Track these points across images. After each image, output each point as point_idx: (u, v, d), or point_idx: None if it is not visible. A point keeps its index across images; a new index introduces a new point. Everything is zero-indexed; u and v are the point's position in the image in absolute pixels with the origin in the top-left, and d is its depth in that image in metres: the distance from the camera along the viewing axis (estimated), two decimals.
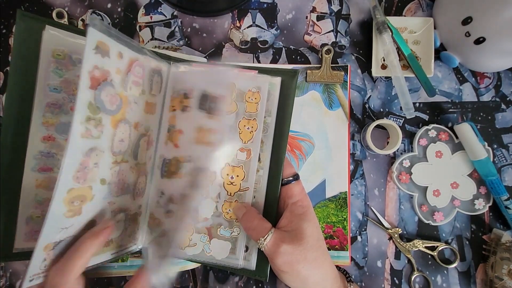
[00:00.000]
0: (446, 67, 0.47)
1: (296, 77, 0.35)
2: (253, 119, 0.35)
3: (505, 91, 0.47)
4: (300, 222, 0.32)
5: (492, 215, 0.45)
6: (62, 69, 0.31)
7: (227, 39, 0.45)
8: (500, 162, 0.46)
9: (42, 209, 0.31)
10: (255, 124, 0.35)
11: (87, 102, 0.25)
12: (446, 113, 0.47)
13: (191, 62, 0.36)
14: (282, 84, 0.35)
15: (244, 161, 0.35)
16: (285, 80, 0.36)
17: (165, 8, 0.44)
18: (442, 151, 0.45)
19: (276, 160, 0.35)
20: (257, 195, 0.35)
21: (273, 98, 0.35)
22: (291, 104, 0.35)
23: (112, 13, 0.43)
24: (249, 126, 0.35)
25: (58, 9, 0.40)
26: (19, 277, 0.39)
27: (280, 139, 0.35)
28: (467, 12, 0.41)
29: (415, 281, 0.44)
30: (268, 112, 0.35)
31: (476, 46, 0.42)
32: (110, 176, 0.29)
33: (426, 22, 0.46)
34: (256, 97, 0.35)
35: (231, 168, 0.35)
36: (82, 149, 0.25)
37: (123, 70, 0.29)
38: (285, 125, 0.35)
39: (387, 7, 0.47)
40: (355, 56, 0.46)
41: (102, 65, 0.26)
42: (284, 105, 0.35)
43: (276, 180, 0.34)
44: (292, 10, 0.46)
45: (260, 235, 0.31)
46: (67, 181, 0.24)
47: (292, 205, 0.33)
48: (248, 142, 0.35)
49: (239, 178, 0.35)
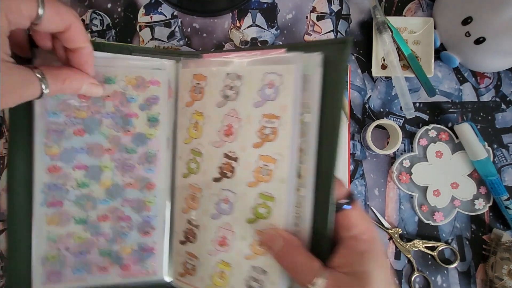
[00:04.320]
0: (446, 67, 0.47)
1: (347, 49, 0.25)
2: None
3: (505, 91, 0.47)
4: (364, 263, 0.23)
5: (492, 215, 0.45)
6: None
7: (227, 39, 0.45)
8: (500, 162, 0.46)
9: (57, 247, 0.29)
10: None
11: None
12: (446, 113, 0.47)
13: (201, 54, 0.31)
14: (326, 63, 0.25)
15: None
16: (330, 57, 0.25)
17: (165, 8, 0.44)
18: (442, 151, 0.45)
19: (325, 173, 0.25)
20: (300, 222, 0.26)
21: (312, 86, 0.25)
22: (342, 91, 0.24)
23: (112, 13, 0.44)
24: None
25: None
26: None
27: (329, 144, 0.25)
28: (467, 12, 0.41)
29: (415, 281, 0.44)
30: (306, 107, 0.25)
31: (476, 46, 0.42)
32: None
33: (426, 22, 0.46)
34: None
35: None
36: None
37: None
38: (334, 123, 0.24)
39: (387, 7, 0.47)
40: (355, 56, 0.46)
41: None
42: (330, 94, 0.25)
43: (327, 201, 0.25)
44: (292, 10, 0.46)
45: (308, 279, 0.23)
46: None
47: (350, 240, 0.25)
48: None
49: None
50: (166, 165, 0.32)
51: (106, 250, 0.31)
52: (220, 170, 0.29)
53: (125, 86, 0.30)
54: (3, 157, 0.39)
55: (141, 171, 0.31)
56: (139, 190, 0.31)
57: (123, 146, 0.31)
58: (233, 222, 0.28)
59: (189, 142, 0.31)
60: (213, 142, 0.29)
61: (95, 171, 0.30)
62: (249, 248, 0.27)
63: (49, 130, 0.29)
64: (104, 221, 0.31)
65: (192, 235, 0.31)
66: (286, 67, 0.26)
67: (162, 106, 0.31)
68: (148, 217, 0.32)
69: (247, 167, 0.27)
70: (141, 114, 0.31)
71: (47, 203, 0.29)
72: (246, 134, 0.27)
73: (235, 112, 0.28)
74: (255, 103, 0.27)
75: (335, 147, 0.24)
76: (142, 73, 0.31)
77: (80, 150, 0.30)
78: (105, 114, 0.30)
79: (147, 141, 0.31)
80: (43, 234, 0.29)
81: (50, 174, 0.29)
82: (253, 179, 0.27)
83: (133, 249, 0.31)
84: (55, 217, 0.30)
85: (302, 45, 0.27)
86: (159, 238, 0.32)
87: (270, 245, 0.25)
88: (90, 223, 0.30)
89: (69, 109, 0.29)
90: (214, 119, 0.29)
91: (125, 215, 0.31)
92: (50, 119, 0.29)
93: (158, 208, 0.32)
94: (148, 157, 0.31)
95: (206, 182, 0.30)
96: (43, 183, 0.29)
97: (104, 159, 0.31)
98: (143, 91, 0.31)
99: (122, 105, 0.31)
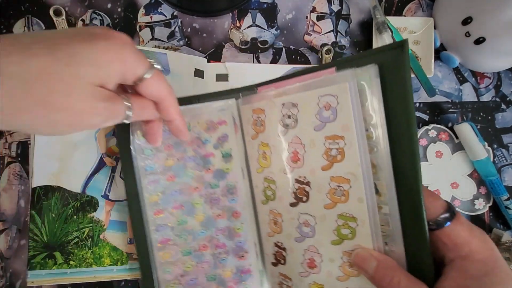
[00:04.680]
0: (446, 67, 0.47)
1: (405, 51, 0.22)
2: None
3: (505, 91, 0.47)
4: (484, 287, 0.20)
5: (492, 215, 0.45)
6: (149, 147, 0.34)
7: (227, 39, 0.45)
8: (500, 162, 0.46)
9: (174, 276, 0.35)
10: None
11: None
12: (446, 113, 0.47)
13: (255, 87, 0.32)
14: (384, 72, 0.24)
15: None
16: (387, 65, 0.23)
17: (165, 8, 0.44)
18: (442, 151, 0.45)
19: (407, 187, 0.23)
20: (390, 241, 0.24)
21: (373, 99, 0.24)
22: (410, 96, 0.22)
23: (112, 13, 0.43)
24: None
25: (56, 6, 0.40)
26: (19, 277, 0.39)
27: (407, 155, 0.23)
28: (467, 12, 0.41)
29: None
30: (370, 121, 0.24)
31: (476, 46, 0.42)
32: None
33: (426, 22, 0.46)
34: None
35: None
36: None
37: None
38: (408, 132, 0.23)
39: (387, 7, 0.47)
40: None
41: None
42: (396, 102, 0.23)
43: (418, 216, 0.23)
44: (292, 10, 0.46)
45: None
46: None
47: (460, 261, 0.21)
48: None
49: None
50: (246, 194, 0.34)
51: (211, 275, 0.35)
52: (295, 195, 0.29)
53: (198, 131, 0.34)
54: (3, 157, 0.40)
55: (226, 202, 0.34)
56: (227, 219, 0.35)
57: (207, 183, 0.35)
58: (318, 244, 0.28)
59: (261, 172, 0.32)
60: (282, 170, 0.30)
61: (189, 208, 0.35)
62: (340, 270, 0.27)
63: (149, 181, 0.34)
64: (205, 250, 0.35)
65: (281, 258, 0.32)
66: (339, 86, 0.25)
67: (232, 142, 0.34)
68: (240, 242, 0.35)
69: (320, 190, 0.27)
70: (216, 153, 0.34)
71: (159, 241, 0.35)
72: (313, 158, 0.27)
73: (297, 139, 0.28)
74: (316, 127, 0.27)
75: (414, 157, 0.22)
76: (210, 117, 0.34)
77: (174, 193, 0.35)
78: (187, 158, 0.34)
79: (226, 175, 0.34)
80: (161, 270, 0.35)
81: (156, 217, 0.35)
82: (329, 201, 0.27)
83: (233, 272, 0.35)
84: (166, 253, 0.35)
85: (353, 58, 0.26)
86: (253, 260, 0.35)
87: (362, 266, 0.24)
88: (194, 253, 0.35)
89: (159, 161, 0.34)
90: (279, 148, 0.30)
91: (221, 243, 0.35)
92: (147, 171, 0.34)
93: (247, 233, 0.35)
94: (229, 188, 0.34)
95: (284, 207, 0.30)
96: (154, 225, 0.35)
97: (194, 196, 0.35)
98: (214, 132, 0.34)
99: (199, 148, 0.34)
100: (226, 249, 0.35)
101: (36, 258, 0.38)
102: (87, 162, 0.40)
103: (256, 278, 0.35)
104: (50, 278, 0.38)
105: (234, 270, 0.35)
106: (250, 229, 0.35)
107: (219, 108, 0.34)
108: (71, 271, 0.39)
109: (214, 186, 0.34)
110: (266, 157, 0.31)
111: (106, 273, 0.39)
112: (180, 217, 0.35)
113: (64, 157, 0.39)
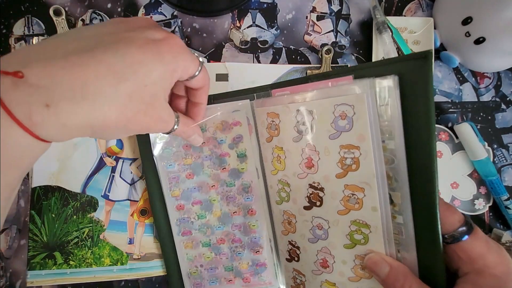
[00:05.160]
0: (446, 67, 0.47)
1: (429, 63, 0.22)
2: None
3: (505, 91, 0.47)
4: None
5: (492, 215, 0.45)
6: (168, 147, 0.36)
7: (227, 39, 0.45)
8: (500, 162, 0.46)
9: (195, 265, 0.38)
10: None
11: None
12: (446, 113, 0.47)
13: (270, 89, 0.31)
14: (404, 83, 0.23)
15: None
16: (409, 76, 0.23)
17: (165, 8, 0.44)
18: (442, 151, 0.45)
19: (423, 199, 0.23)
20: (403, 249, 0.25)
21: (391, 110, 0.23)
22: (431, 112, 0.22)
23: (112, 13, 0.43)
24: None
25: (56, 6, 0.40)
26: (19, 277, 0.39)
27: (424, 169, 0.23)
28: (467, 12, 0.41)
29: None
30: (388, 133, 0.24)
31: (476, 46, 0.42)
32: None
33: (426, 22, 0.46)
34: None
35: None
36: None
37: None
38: (428, 147, 0.22)
39: (387, 7, 0.47)
40: (355, 56, 0.46)
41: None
42: (416, 117, 0.22)
43: (432, 228, 0.23)
44: (292, 10, 0.46)
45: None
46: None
47: (474, 275, 0.21)
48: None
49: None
50: (261, 193, 0.36)
51: (229, 266, 0.38)
52: (309, 200, 0.29)
53: (214, 131, 0.35)
54: None
55: (242, 200, 0.36)
56: (243, 216, 0.37)
57: (223, 181, 0.36)
58: (331, 247, 0.29)
59: (276, 174, 0.32)
60: (297, 174, 0.30)
61: (207, 204, 0.37)
62: (352, 271, 0.27)
63: (170, 178, 0.36)
64: (222, 243, 0.37)
65: (295, 255, 0.33)
66: (356, 97, 0.24)
67: (246, 143, 0.35)
68: (255, 238, 0.37)
69: (334, 196, 0.27)
70: (231, 153, 0.35)
71: (181, 233, 0.37)
72: (327, 166, 0.27)
73: (312, 146, 0.28)
74: (331, 136, 0.26)
75: (432, 172, 0.22)
76: (225, 118, 0.35)
77: (193, 189, 0.37)
78: (204, 158, 0.36)
79: (241, 174, 0.36)
80: (184, 256, 0.38)
81: (178, 211, 0.37)
82: (342, 208, 0.27)
83: (249, 265, 0.37)
84: (188, 243, 0.38)
85: (372, 65, 0.25)
86: (268, 255, 0.37)
87: (374, 270, 0.24)
88: (213, 245, 0.37)
89: (179, 159, 0.36)
90: (294, 153, 0.30)
91: (237, 238, 0.37)
92: (168, 169, 0.36)
93: (261, 230, 0.36)
94: (245, 187, 0.36)
95: (297, 209, 0.31)
96: (175, 218, 0.37)
97: (211, 193, 0.37)
98: (229, 133, 0.35)
99: (215, 148, 0.36)
100: (242, 244, 0.37)
101: (36, 258, 0.38)
102: (87, 162, 0.40)
103: (271, 271, 0.37)
104: (50, 278, 0.38)
105: (250, 263, 0.37)
106: (264, 226, 0.36)
107: (233, 109, 0.34)
108: (71, 271, 0.39)
109: (230, 184, 0.36)
110: (280, 160, 0.31)
111: (106, 273, 0.39)
112: (199, 211, 0.37)
113: (64, 157, 0.39)
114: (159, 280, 0.41)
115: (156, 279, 0.41)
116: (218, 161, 0.36)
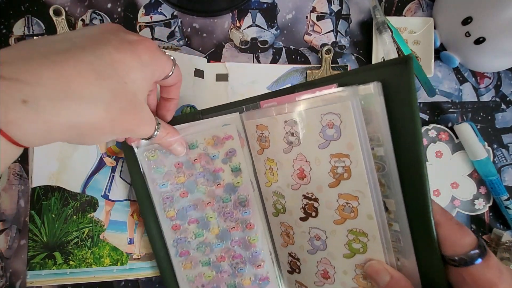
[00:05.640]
0: (446, 67, 0.47)
1: (409, 66, 0.22)
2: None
3: (505, 91, 0.47)
4: None
5: (492, 215, 0.45)
6: (159, 167, 0.35)
7: (227, 39, 0.45)
8: (500, 162, 0.46)
9: (196, 286, 0.37)
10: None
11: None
12: (446, 113, 0.47)
13: (258, 100, 0.31)
14: (388, 89, 0.23)
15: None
16: (391, 81, 0.23)
17: (165, 8, 0.44)
18: (442, 151, 0.45)
19: (417, 205, 0.23)
20: (402, 257, 0.25)
21: (376, 117, 0.23)
22: (415, 114, 0.22)
23: (112, 13, 0.43)
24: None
25: (56, 6, 0.40)
26: (19, 277, 0.39)
27: (414, 174, 0.23)
28: (467, 12, 0.41)
29: None
30: (376, 140, 0.24)
31: (476, 46, 0.42)
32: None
33: (426, 22, 0.46)
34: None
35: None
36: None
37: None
38: (414, 151, 0.22)
39: (387, 7, 0.47)
40: (355, 56, 0.46)
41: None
42: (402, 120, 0.23)
43: (428, 235, 0.23)
44: (292, 10, 0.46)
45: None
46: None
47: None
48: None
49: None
50: (258, 206, 0.35)
51: (232, 283, 0.36)
52: (304, 211, 0.29)
53: (205, 147, 0.34)
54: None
55: (239, 215, 0.35)
56: (242, 231, 0.36)
57: (219, 197, 0.35)
58: (330, 257, 0.28)
59: (270, 186, 0.32)
60: (290, 185, 0.30)
61: (204, 222, 0.36)
62: (354, 281, 0.27)
63: (164, 198, 0.35)
64: (223, 261, 0.36)
65: (296, 267, 0.33)
66: (342, 105, 0.24)
67: (239, 156, 0.34)
68: (256, 252, 0.36)
69: (329, 206, 0.27)
70: (225, 167, 0.35)
71: (179, 253, 0.36)
72: (319, 176, 0.27)
73: (302, 156, 0.28)
74: (320, 145, 0.26)
75: (421, 175, 0.22)
76: (216, 132, 0.34)
77: (189, 208, 0.36)
78: (197, 175, 0.35)
79: (236, 188, 0.35)
80: (183, 278, 0.36)
81: (174, 231, 0.36)
82: (338, 217, 0.27)
83: (252, 280, 0.36)
84: (187, 263, 0.36)
85: (354, 72, 0.25)
86: (270, 268, 0.36)
87: (375, 278, 0.24)
88: (213, 263, 0.36)
89: (172, 178, 0.35)
90: (285, 164, 0.30)
91: (237, 253, 0.36)
92: (161, 189, 0.35)
93: (261, 244, 0.35)
94: (241, 201, 0.35)
95: (294, 221, 0.31)
96: (172, 239, 0.36)
97: (207, 211, 0.36)
98: (221, 147, 0.34)
99: (208, 164, 0.35)
100: (243, 259, 0.36)
101: (36, 258, 0.38)
102: (86, 162, 0.40)
103: (274, 284, 0.36)
104: (50, 279, 0.38)
105: (252, 278, 0.36)
106: (264, 239, 0.35)
107: (223, 123, 0.33)
108: (70, 271, 0.39)
109: (226, 200, 0.35)
110: (273, 172, 0.31)
111: (106, 273, 0.39)
112: (196, 230, 0.36)
113: (64, 157, 0.39)
114: (159, 280, 0.41)
115: (156, 279, 0.41)
116: (212, 177, 0.35)
